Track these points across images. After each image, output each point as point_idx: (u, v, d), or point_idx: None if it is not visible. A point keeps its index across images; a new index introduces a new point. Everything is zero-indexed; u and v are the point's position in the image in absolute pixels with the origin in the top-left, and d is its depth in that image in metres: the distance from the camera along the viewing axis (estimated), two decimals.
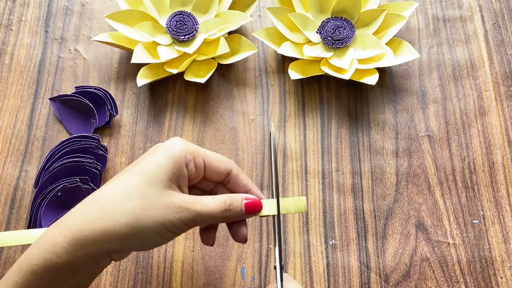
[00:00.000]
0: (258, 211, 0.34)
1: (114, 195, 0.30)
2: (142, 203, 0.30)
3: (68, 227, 0.30)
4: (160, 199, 0.31)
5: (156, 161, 0.32)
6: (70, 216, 0.31)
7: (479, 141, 0.49)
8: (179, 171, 0.32)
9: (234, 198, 0.34)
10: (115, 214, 0.29)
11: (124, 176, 0.32)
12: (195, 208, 0.31)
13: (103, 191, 0.31)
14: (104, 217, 0.29)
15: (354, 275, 0.45)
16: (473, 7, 0.55)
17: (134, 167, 0.32)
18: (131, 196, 0.30)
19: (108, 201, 0.30)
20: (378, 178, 0.48)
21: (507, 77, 0.52)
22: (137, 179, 0.31)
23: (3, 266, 0.45)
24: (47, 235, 0.30)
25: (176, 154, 0.32)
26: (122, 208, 0.30)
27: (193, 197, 0.32)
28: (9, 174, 0.48)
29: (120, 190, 0.31)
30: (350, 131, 0.50)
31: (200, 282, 0.44)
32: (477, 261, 0.45)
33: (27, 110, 0.51)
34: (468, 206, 0.47)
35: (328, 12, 0.53)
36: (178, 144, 0.33)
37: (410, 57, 0.50)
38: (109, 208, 0.30)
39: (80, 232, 0.29)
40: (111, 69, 0.53)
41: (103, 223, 0.29)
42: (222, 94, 0.52)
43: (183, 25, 0.51)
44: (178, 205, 0.31)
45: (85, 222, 0.29)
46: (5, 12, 0.55)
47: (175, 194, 0.31)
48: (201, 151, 0.34)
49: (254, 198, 0.34)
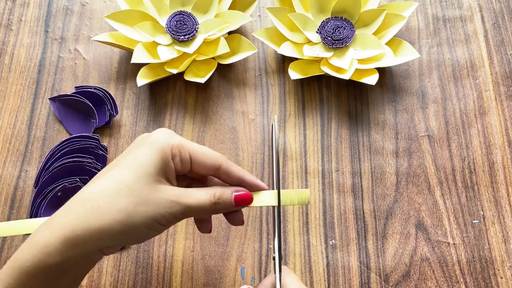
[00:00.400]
0: (249, 203, 0.34)
1: (105, 192, 0.30)
2: (134, 199, 0.30)
3: (60, 227, 0.29)
4: (151, 194, 0.31)
5: (144, 155, 0.31)
6: (61, 215, 0.30)
7: (479, 141, 0.49)
8: (166, 165, 0.32)
9: (224, 191, 0.34)
10: (107, 212, 0.29)
11: (113, 172, 0.31)
12: (185, 202, 0.32)
13: (93, 187, 0.31)
14: (96, 216, 0.29)
15: (354, 275, 0.45)
16: (473, 7, 0.55)
17: (121, 160, 0.32)
18: (122, 193, 0.30)
19: (100, 199, 0.30)
20: (378, 178, 0.48)
21: (507, 77, 0.52)
22: (127, 174, 0.31)
23: (3, 266, 0.45)
24: (38, 235, 0.30)
25: (162, 148, 0.32)
26: (114, 206, 0.30)
27: (183, 190, 0.32)
28: (9, 174, 0.48)
29: (111, 187, 0.30)
30: (350, 131, 0.50)
31: (200, 282, 0.44)
32: (477, 261, 0.45)
33: (27, 110, 0.51)
34: (468, 206, 0.47)
35: (328, 12, 0.53)
36: (164, 136, 0.32)
37: (410, 57, 0.50)
38: (101, 206, 0.29)
39: (73, 232, 0.29)
40: (111, 69, 0.53)
41: (95, 222, 0.29)
42: (222, 94, 0.52)
43: (183, 25, 0.51)
44: (169, 200, 0.31)
45: (77, 222, 0.29)
46: (5, 12, 0.55)
47: (165, 188, 0.31)
48: (187, 145, 0.33)
49: (244, 191, 0.34)
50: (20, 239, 0.45)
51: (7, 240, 0.45)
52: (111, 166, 0.32)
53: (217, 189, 0.34)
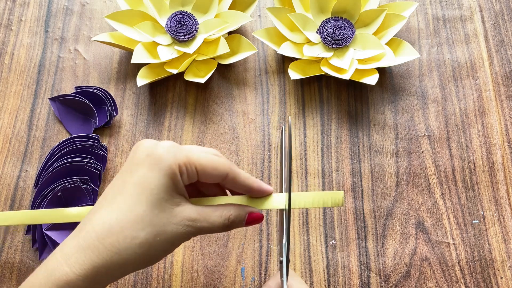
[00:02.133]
0: (259, 222, 0.34)
1: (122, 226, 0.29)
2: (153, 230, 0.30)
3: (80, 264, 0.29)
4: (168, 220, 0.30)
5: (153, 180, 0.30)
6: (78, 251, 0.29)
7: (479, 141, 0.49)
8: (176, 185, 0.31)
9: (239, 213, 0.33)
10: (128, 247, 0.29)
11: (122, 201, 0.30)
12: (200, 226, 0.32)
13: (106, 218, 0.30)
14: (117, 253, 0.29)
15: (354, 275, 0.45)
16: (473, 7, 0.55)
17: (128, 186, 0.31)
18: (139, 226, 0.30)
19: (119, 234, 0.29)
20: (378, 178, 0.48)
21: (507, 77, 0.52)
22: (141, 204, 0.30)
23: (3, 266, 0.45)
24: (56, 272, 0.29)
25: (169, 168, 0.30)
26: (135, 240, 0.29)
27: (198, 213, 0.32)
28: (9, 174, 0.48)
29: (128, 220, 0.30)
30: (350, 131, 0.50)
31: (200, 282, 0.44)
32: (477, 261, 0.45)
33: (27, 110, 0.51)
34: (468, 206, 0.47)
35: (328, 12, 0.53)
36: (170, 154, 0.31)
37: (410, 57, 0.50)
38: (121, 242, 0.29)
39: (95, 270, 0.29)
40: (111, 69, 0.53)
41: (118, 258, 0.29)
42: (222, 94, 0.52)
43: (183, 25, 0.51)
44: (185, 224, 0.31)
45: (98, 259, 0.29)
46: (5, 12, 0.55)
47: (181, 211, 0.31)
48: (193, 159, 0.32)
49: (257, 212, 0.34)
50: (20, 239, 0.45)
51: (7, 240, 0.45)
52: (116, 190, 0.31)
53: (232, 211, 0.33)
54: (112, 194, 0.31)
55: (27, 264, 0.45)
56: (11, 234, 0.46)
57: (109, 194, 0.31)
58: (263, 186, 0.34)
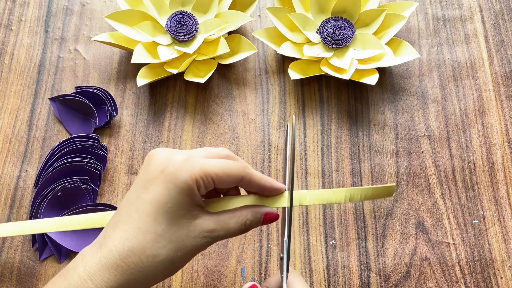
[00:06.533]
0: (275, 221, 0.35)
1: (145, 247, 0.30)
2: (174, 246, 0.30)
3: (106, 282, 0.29)
4: (187, 236, 0.31)
5: (170, 199, 0.30)
6: (101, 268, 0.30)
7: (479, 141, 0.49)
8: (193, 200, 0.31)
9: (255, 215, 0.34)
10: (151, 265, 0.30)
11: (142, 219, 0.30)
12: (218, 234, 0.32)
13: (129, 242, 0.30)
14: (141, 271, 0.30)
15: (354, 275, 0.45)
16: (473, 7, 0.55)
17: (145, 202, 0.31)
18: (162, 244, 0.30)
19: (141, 255, 0.30)
20: (378, 178, 0.48)
21: (507, 77, 0.52)
22: (159, 223, 0.30)
23: (3, 266, 0.45)
24: (81, 286, 0.29)
25: (186, 185, 0.30)
26: (157, 258, 0.30)
27: (216, 223, 0.32)
28: (9, 174, 0.48)
29: (149, 240, 0.30)
30: (350, 131, 0.50)
31: (200, 282, 0.44)
32: (477, 261, 0.45)
33: (27, 110, 0.51)
34: (468, 206, 0.47)
35: (328, 12, 0.53)
36: (185, 169, 0.30)
37: (410, 57, 0.50)
38: (145, 262, 0.30)
39: (120, 287, 0.30)
40: (111, 69, 0.53)
41: (142, 276, 0.30)
42: (222, 94, 0.52)
43: (183, 25, 0.51)
44: (203, 235, 0.31)
45: (123, 277, 0.29)
46: (5, 12, 0.55)
47: (199, 224, 0.31)
48: (208, 170, 0.31)
49: (273, 212, 0.34)
50: (20, 240, 0.45)
51: (7, 240, 0.45)
52: (132, 207, 0.31)
53: (248, 216, 0.33)
54: (128, 211, 0.31)
55: (27, 264, 0.45)
56: None
57: (124, 210, 0.31)
58: (275, 185, 0.34)
